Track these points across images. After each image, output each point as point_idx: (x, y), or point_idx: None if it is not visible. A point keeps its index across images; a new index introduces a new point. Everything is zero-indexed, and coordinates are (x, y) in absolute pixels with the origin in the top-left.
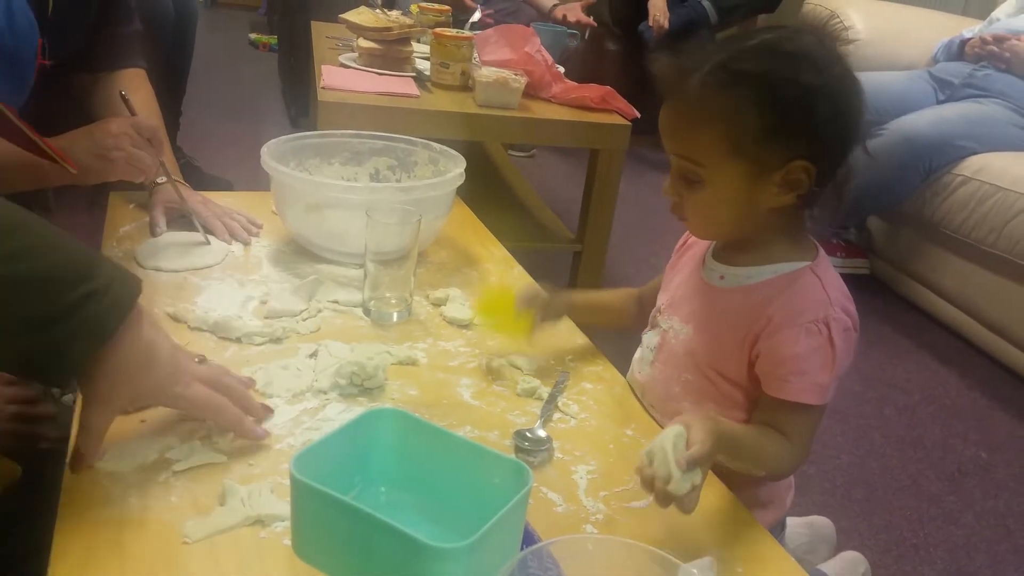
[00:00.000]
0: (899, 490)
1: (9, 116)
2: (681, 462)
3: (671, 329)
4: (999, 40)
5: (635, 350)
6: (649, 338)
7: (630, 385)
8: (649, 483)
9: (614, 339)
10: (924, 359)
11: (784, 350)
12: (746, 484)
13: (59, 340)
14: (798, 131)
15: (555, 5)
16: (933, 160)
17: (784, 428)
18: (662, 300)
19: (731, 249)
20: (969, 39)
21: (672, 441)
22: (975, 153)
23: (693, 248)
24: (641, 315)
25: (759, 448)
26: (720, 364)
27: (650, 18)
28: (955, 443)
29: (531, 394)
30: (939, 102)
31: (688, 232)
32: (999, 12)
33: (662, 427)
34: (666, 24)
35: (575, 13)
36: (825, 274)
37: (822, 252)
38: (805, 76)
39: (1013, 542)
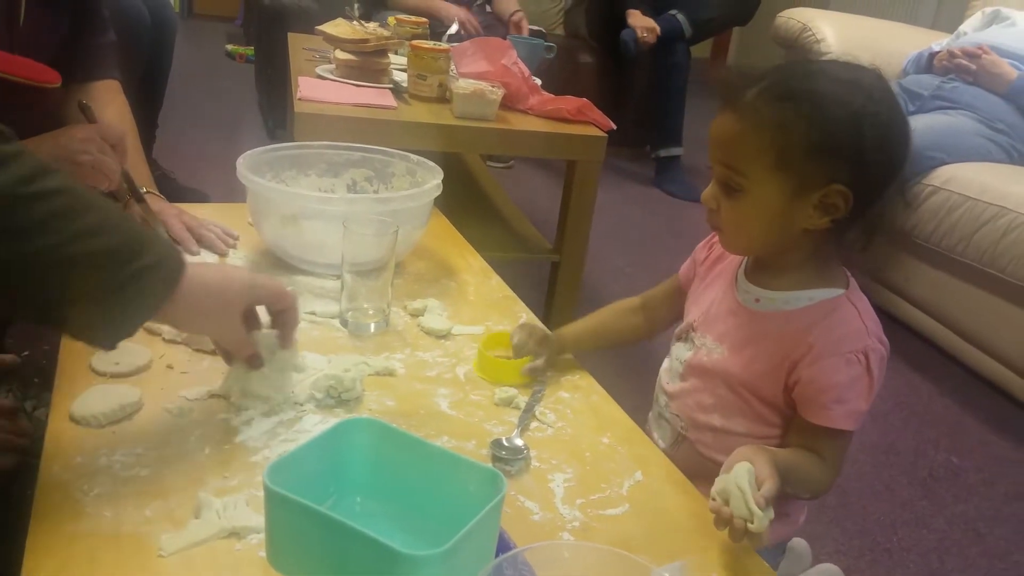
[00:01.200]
0: (872, 496)
1: None
2: (760, 501)
3: (704, 346)
4: (966, 53)
5: (612, 358)
6: (679, 351)
7: (656, 395)
8: (727, 522)
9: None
10: (897, 366)
11: (825, 379)
12: None
13: (116, 307)
14: (843, 154)
15: (515, 12)
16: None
17: (821, 451)
18: (694, 315)
19: (764, 271)
20: (938, 52)
21: (747, 479)
22: (944, 163)
23: (722, 264)
24: (647, 325)
25: (806, 473)
26: (755, 385)
27: (639, 31)
28: (927, 449)
29: (508, 403)
30: (909, 113)
31: (707, 243)
32: (966, 26)
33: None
34: (653, 39)
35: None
36: (860, 303)
37: (853, 281)
38: (857, 102)
39: (983, 545)
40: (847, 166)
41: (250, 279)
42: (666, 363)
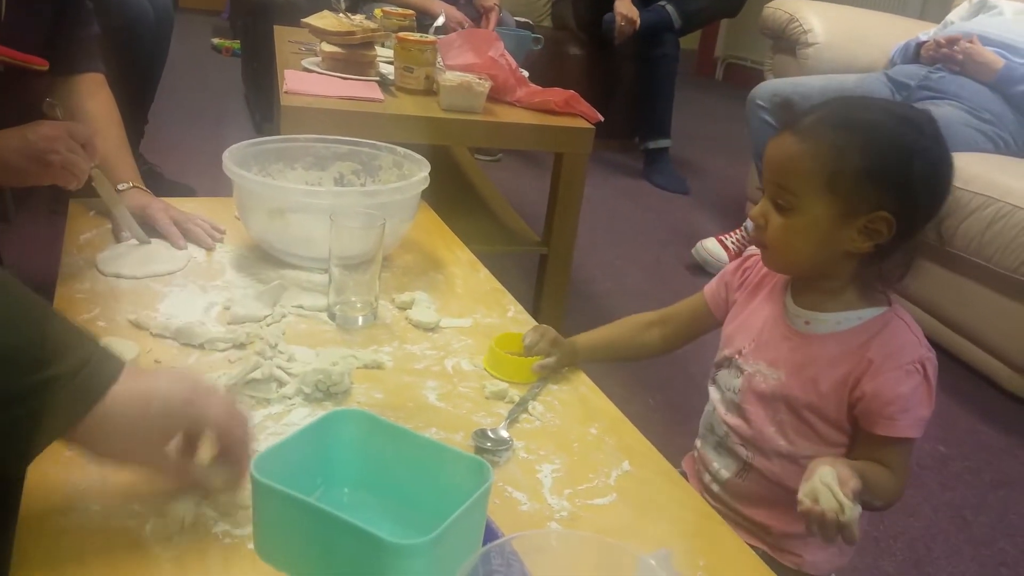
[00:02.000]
0: None
1: None
2: (848, 493)
3: (758, 373)
4: (952, 42)
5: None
6: (727, 379)
7: (711, 425)
8: (820, 519)
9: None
10: None
11: (889, 391)
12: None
13: (10, 425)
14: (891, 182)
15: (493, 3)
16: None
17: (889, 461)
18: (742, 343)
19: (810, 295)
20: (925, 42)
21: (831, 478)
22: None
23: (765, 290)
24: (662, 343)
25: (878, 480)
26: (818, 406)
27: (619, 18)
28: None
29: (501, 397)
30: None
31: (739, 267)
32: (953, 15)
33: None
34: (630, 31)
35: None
36: (906, 317)
37: (894, 298)
38: (910, 136)
39: (969, 533)
40: (894, 195)
41: (188, 400)
42: (715, 393)
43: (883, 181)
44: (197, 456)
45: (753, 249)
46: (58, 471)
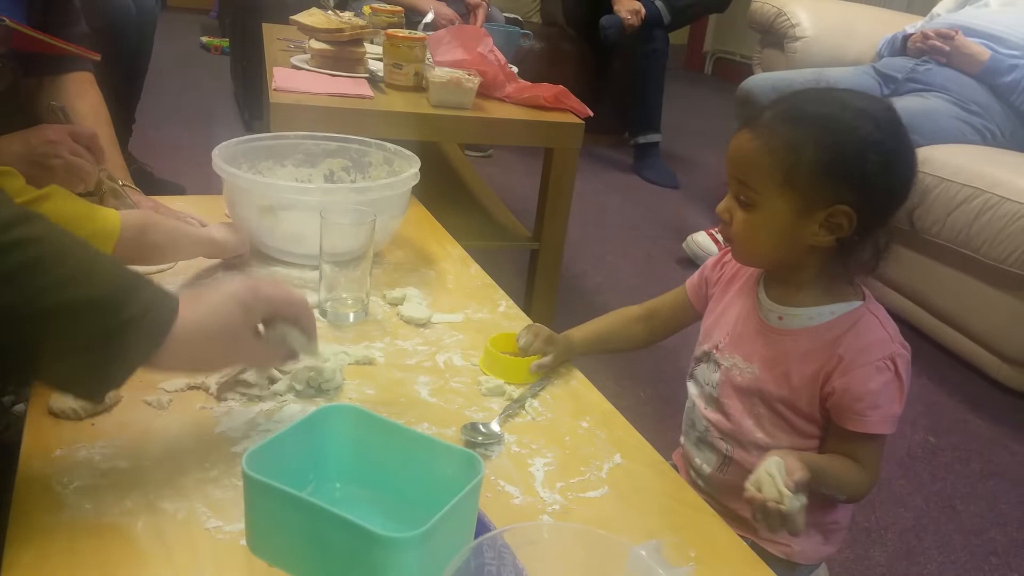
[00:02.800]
0: None
1: (18, 27)
2: (790, 484)
3: (735, 367)
4: (939, 35)
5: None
6: (706, 373)
7: (692, 421)
8: (762, 507)
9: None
10: None
11: (859, 387)
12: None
13: (99, 363)
14: (848, 176)
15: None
16: None
17: (859, 456)
18: (719, 337)
19: (781, 289)
20: (911, 34)
21: (776, 468)
22: (919, 145)
23: (738, 284)
24: (647, 336)
25: (839, 476)
26: (791, 400)
27: (624, 13)
28: (904, 428)
29: (499, 393)
30: (884, 96)
31: (718, 262)
32: (940, 7)
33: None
34: (638, 21)
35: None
36: (879, 313)
37: (868, 292)
38: (864, 129)
39: (959, 522)
40: (852, 188)
41: (250, 298)
42: (694, 388)
43: (839, 175)
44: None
45: None
46: (49, 470)
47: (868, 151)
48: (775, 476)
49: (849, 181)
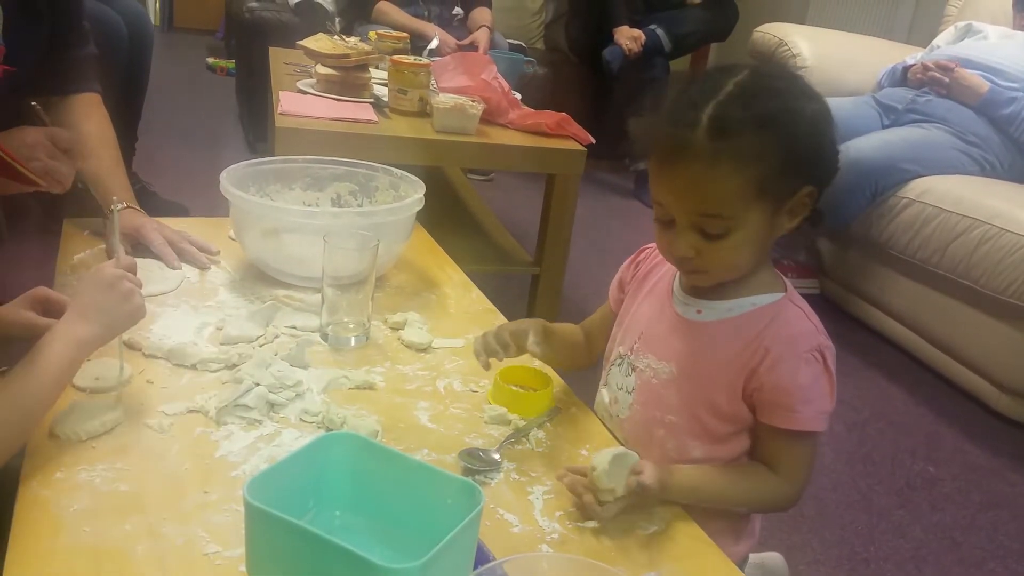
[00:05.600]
0: (850, 505)
1: None
2: (632, 482)
3: (648, 368)
4: (939, 67)
5: (590, 372)
6: (618, 377)
7: (604, 424)
8: (571, 485)
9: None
10: (873, 377)
11: (788, 381)
12: (718, 515)
13: None
14: (810, 158)
15: (480, 27)
16: (879, 183)
17: (783, 458)
18: (632, 338)
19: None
20: (912, 66)
21: (623, 450)
22: (919, 176)
23: (651, 282)
24: (586, 355)
25: (727, 491)
26: (711, 399)
27: (624, 41)
28: (904, 458)
29: (503, 422)
30: (884, 127)
31: (632, 263)
32: (939, 40)
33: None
34: (639, 48)
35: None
36: (801, 303)
37: (788, 283)
38: (810, 105)
39: (959, 554)
40: (813, 169)
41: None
42: (605, 393)
43: (803, 162)
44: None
45: (650, 245)
46: (48, 493)
47: (817, 127)
48: (600, 466)
49: (811, 162)
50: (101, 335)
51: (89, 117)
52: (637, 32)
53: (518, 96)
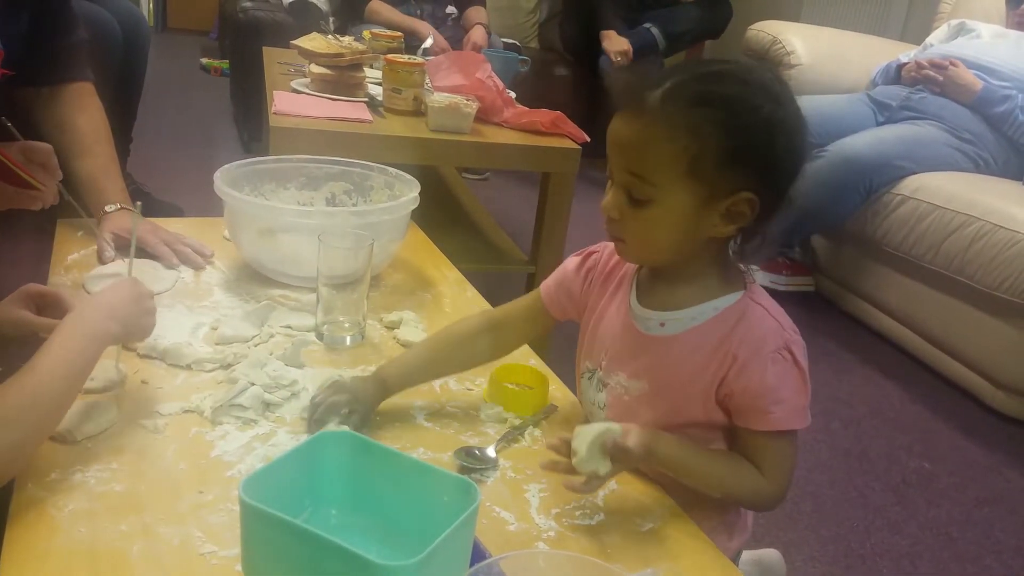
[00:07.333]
0: (846, 502)
1: None
2: (608, 446)
3: (619, 386)
4: (933, 65)
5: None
6: (591, 394)
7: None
8: (563, 449)
9: (567, 360)
10: (869, 374)
11: (758, 383)
12: (712, 511)
13: None
14: (755, 161)
15: (474, 26)
16: (873, 180)
17: (764, 458)
18: (599, 355)
19: (661, 287)
20: (905, 63)
21: (602, 429)
22: (913, 173)
23: (608, 290)
24: (493, 351)
25: (710, 472)
26: (686, 411)
27: (612, 54)
28: (899, 455)
29: (500, 420)
30: (878, 124)
31: (581, 266)
32: (933, 38)
33: None
34: (627, 62)
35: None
36: (764, 300)
37: (750, 279)
38: (767, 108)
39: (955, 549)
40: (758, 174)
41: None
42: (583, 410)
43: (746, 161)
44: None
45: (598, 247)
46: (44, 494)
47: (776, 133)
48: (590, 433)
49: (756, 167)
50: (117, 337)
51: (82, 110)
52: (625, 45)
53: (512, 95)
